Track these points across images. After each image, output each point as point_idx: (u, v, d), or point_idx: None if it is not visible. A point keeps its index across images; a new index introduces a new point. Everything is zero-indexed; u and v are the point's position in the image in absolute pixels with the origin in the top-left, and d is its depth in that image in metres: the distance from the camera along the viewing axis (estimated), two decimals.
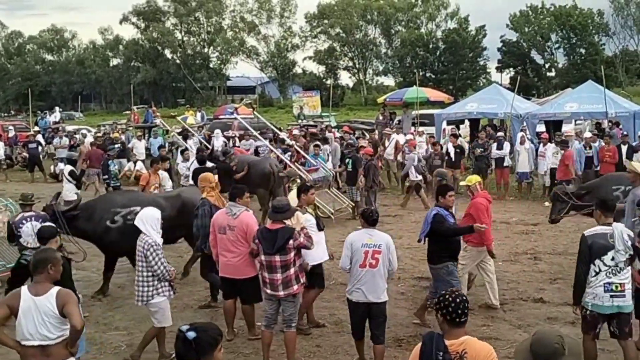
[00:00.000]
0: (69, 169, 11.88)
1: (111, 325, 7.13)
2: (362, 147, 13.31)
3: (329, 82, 52.16)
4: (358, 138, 17.20)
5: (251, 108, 16.00)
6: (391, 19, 61.02)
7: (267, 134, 16.66)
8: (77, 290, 5.36)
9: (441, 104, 25.38)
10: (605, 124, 16.93)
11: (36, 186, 16.95)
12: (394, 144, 16.40)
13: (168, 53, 66.51)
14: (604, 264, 5.22)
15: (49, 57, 72.98)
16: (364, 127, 23.54)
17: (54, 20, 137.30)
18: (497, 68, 62.37)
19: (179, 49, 65.69)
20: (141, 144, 18.52)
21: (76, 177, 11.90)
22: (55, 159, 19.02)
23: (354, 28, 60.95)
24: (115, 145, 17.38)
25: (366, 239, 5.58)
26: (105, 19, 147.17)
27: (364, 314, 5.63)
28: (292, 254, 5.70)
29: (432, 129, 18.96)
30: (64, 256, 5.43)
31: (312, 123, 22.69)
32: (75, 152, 17.39)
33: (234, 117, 19.70)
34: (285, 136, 16.12)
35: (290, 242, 5.63)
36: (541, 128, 17.78)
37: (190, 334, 2.72)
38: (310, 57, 63.70)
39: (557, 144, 13.79)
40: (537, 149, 14.71)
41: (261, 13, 64.36)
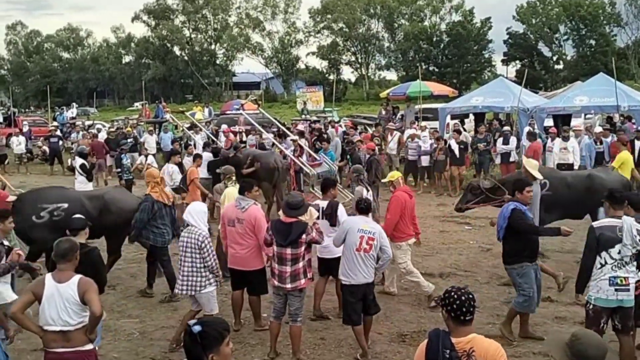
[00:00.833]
0: (80, 162, 12.22)
1: (124, 313, 7.31)
2: (360, 142, 13.21)
3: (331, 77, 52.03)
4: (361, 133, 17.09)
5: (257, 104, 16.43)
6: (394, 12, 60.73)
7: (272, 129, 16.81)
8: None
9: (445, 98, 25.12)
10: (616, 118, 16.51)
11: (54, 178, 17.77)
12: (397, 139, 16.26)
13: (177, 50, 67.70)
14: (610, 257, 5.16)
15: (65, 55, 74.89)
16: (366, 122, 23.41)
17: (70, 19, 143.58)
18: (502, 61, 61.84)
19: (187, 46, 66.65)
20: (152, 138, 19.08)
21: (87, 170, 12.31)
22: (72, 152, 19.32)
23: (357, 22, 60.72)
24: (128, 140, 17.77)
25: (362, 224, 5.89)
26: (118, 17, 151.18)
27: (361, 296, 5.87)
28: (303, 248, 5.79)
29: (435, 124, 18.66)
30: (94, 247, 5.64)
31: (315, 118, 22.61)
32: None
33: (240, 112, 19.73)
34: (289, 132, 16.14)
35: (303, 236, 5.74)
36: (549, 122, 17.40)
37: (196, 327, 2.72)
38: (313, 53, 63.84)
39: (564, 138, 13.44)
40: (545, 143, 14.37)
41: (266, 9, 64.61)
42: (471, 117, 20.85)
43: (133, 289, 8.08)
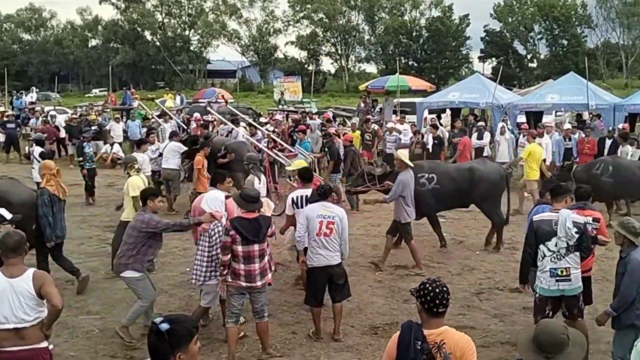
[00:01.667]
0: (39, 150, 11.73)
1: (83, 309, 7.00)
2: (335, 135, 13.25)
3: (310, 68, 51.90)
4: (340, 125, 17.10)
5: (225, 102, 16.07)
6: (375, 5, 60.88)
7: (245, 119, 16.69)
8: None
9: (423, 93, 25.33)
10: (586, 115, 16.97)
11: (9, 167, 16.87)
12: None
13: (148, 35, 65.90)
14: (548, 250, 5.38)
15: (26, 36, 71.84)
16: (345, 114, 23.44)
17: None
18: (479, 58, 62.72)
19: (159, 30, 65.00)
20: (119, 126, 18.35)
21: (45, 158, 11.64)
22: (30, 140, 18.58)
23: (337, 13, 60.61)
24: (92, 128, 17.09)
25: (321, 210, 5.99)
26: None
27: (324, 278, 6.03)
28: (266, 242, 5.69)
29: (413, 118, 18.91)
30: None
31: (292, 109, 22.51)
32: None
33: (214, 100, 19.52)
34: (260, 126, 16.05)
35: (269, 230, 5.69)
36: (522, 119, 17.81)
37: (164, 325, 2.61)
38: (292, 42, 63.51)
39: (538, 135, 13.74)
40: (517, 139, 14.74)
41: None
42: (448, 112, 21.12)
43: (93, 284, 7.69)
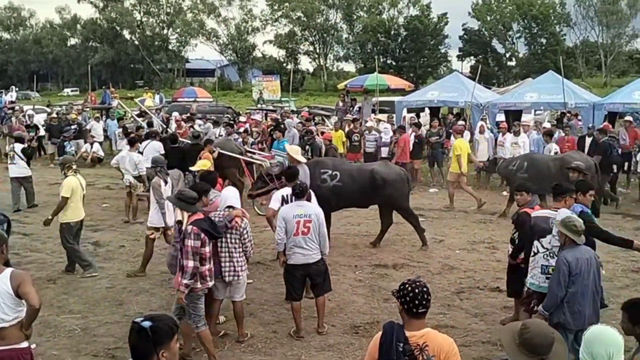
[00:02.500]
0: (20, 147, 11.99)
1: (65, 308, 6.95)
2: (317, 132, 13.26)
3: (289, 67, 51.75)
4: (317, 124, 17.03)
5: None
6: (353, 4, 60.92)
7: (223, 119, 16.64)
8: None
9: (402, 92, 25.40)
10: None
11: None
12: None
13: (126, 34, 65.68)
14: (542, 246, 5.46)
15: (5, 35, 71.59)
16: (323, 112, 23.40)
17: None
18: (458, 56, 63.25)
19: (137, 29, 64.63)
20: (99, 125, 18.46)
21: (28, 155, 12.11)
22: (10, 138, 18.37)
23: (315, 12, 60.54)
24: (72, 127, 17.12)
25: (297, 210, 6.10)
26: None
27: (303, 275, 6.18)
28: None
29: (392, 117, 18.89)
30: None
31: (271, 108, 22.42)
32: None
33: (192, 99, 19.32)
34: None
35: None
36: (501, 117, 17.91)
37: (146, 323, 2.64)
38: (270, 41, 63.43)
39: (515, 133, 13.80)
40: (496, 138, 14.78)
41: None
42: (427, 111, 21.17)
43: (75, 283, 7.72)
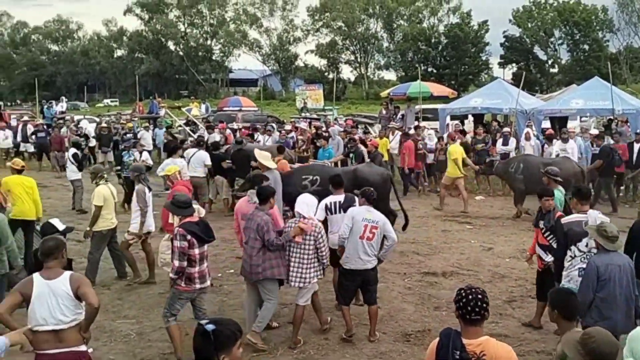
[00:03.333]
0: (72, 151, 12.57)
1: (120, 313, 7.12)
2: (360, 140, 13.52)
3: (330, 76, 52.08)
4: (366, 133, 17.13)
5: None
6: (393, 12, 60.97)
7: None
8: None
9: (445, 99, 25.25)
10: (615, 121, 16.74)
11: (43, 174, 17.38)
12: (398, 139, 16.29)
13: (171, 45, 67.17)
14: (578, 250, 5.48)
15: (54, 47, 73.82)
16: (366, 120, 23.49)
17: (58, 10, 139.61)
18: (499, 64, 62.48)
19: (182, 40, 66.07)
20: (148, 134, 18.63)
21: (78, 160, 12.51)
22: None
23: (356, 22, 60.85)
24: (127, 136, 17.12)
25: (366, 214, 6.16)
26: (110, 10, 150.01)
27: (358, 282, 6.22)
28: None
29: (436, 124, 18.88)
30: None
31: (315, 116, 22.66)
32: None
33: (237, 109, 19.71)
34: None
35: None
36: (547, 124, 17.65)
37: (210, 326, 2.64)
38: (312, 51, 63.91)
39: (564, 140, 13.61)
40: (543, 144, 14.60)
41: (263, 6, 64.50)
42: (470, 118, 21.02)
43: (129, 289, 7.88)
